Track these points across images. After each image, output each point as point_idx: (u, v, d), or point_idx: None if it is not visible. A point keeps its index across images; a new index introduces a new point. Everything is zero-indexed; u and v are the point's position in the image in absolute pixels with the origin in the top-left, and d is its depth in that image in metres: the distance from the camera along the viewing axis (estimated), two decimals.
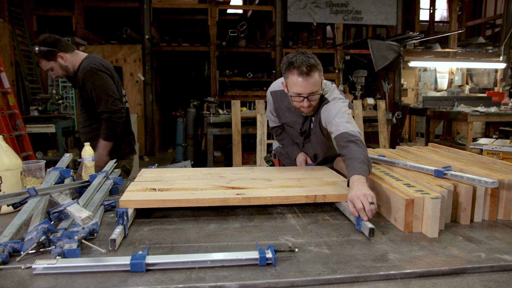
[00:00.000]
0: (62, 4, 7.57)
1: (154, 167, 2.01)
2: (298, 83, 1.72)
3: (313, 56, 1.74)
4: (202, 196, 1.43)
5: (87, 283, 0.93)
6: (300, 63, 1.69)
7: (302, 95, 1.75)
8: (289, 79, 1.75)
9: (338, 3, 7.57)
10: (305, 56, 1.71)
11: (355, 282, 0.96)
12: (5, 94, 4.43)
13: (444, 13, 13.71)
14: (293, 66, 1.71)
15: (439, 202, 1.22)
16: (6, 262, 1.02)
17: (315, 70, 1.71)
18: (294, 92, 1.77)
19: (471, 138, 5.87)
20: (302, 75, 1.70)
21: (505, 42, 9.09)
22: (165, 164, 6.67)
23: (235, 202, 1.43)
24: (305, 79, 1.70)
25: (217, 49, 7.54)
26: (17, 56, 6.52)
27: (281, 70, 1.81)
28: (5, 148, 1.54)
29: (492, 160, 1.81)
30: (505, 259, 1.08)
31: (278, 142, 2.34)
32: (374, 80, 8.43)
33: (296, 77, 1.72)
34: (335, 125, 1.74)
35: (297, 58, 1.71)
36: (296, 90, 1.75)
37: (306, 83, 1.72)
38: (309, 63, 1.69)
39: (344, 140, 1.65)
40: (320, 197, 1.47)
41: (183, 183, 1.64)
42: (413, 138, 10.42)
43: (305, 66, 1.68)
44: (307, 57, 1.71)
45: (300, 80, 1.71)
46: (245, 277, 0.96)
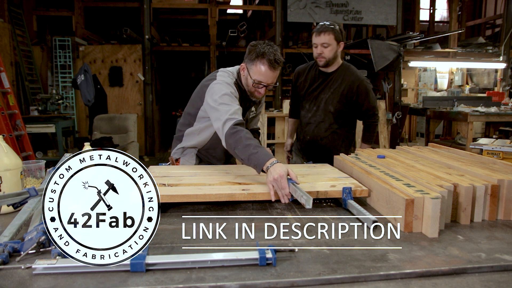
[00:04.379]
0: (62, 4, 7.57)
1: (165, 165, 2.03)
2: (263, 73, 1.86)
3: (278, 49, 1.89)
4: (209, 192, 1.48)
5: (87, 283, 0.93)
6: (271, 56, 1.83)
7: (263, 83, 1.90)
8: (255, 67, 1.87)
9: (338, 3, 7.58)
10: (274, 49, 1.85)
11: (355, 282, 0.96)
12: (5, 94, 4.43)
13: (444, 13, 13.71)
14: (263, 57, 1.84)
15: (439, 202, 1.22)
16: (6, 262, 1.02)
17: (280, 65, 1.88)
18: (257, 79, 1.89)
19: (471, 138, 5.87)
20: (270, 67, 1.85)
21: (505, 42, 9.09)
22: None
23: (241, 198, 1.47)
24: (272, 71, 1.86)
25: (217, 49, 7.54)
26: (17, 56, 6.53)
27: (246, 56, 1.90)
28: (5, 148, 1.54)
29: (492, 160, 1.81)
30: (505, 259, 1.08)
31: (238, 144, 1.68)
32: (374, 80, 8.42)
33: (264, 67, 1.85)
34: (257, 119, 2.25)
35: (267, 50, 1.83)
36: (260, 79, 1.89)
37: (271, 75, 1.88)
38: (278, 58, 1.84)
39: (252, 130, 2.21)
40: (322, 192, 1.50)
41: (191, 179, 1.68)
42: (413, 138, 10.42)
43: (275, 60, 1.83)
44: (276, 51, 1.85)
45: (268, 72, 1.86)
46: (245, 277, 0.96)
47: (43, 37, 7.46)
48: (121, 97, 7.45)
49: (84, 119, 7.25)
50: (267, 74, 1.86)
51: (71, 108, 7.03)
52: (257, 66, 1.86)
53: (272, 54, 1.83)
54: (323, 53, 2.40)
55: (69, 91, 7.01)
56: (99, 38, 7.90)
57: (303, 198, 1.31)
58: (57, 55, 7.03)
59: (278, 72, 1.90)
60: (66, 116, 6.30)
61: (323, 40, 2.38)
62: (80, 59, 7.15)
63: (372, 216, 1.26)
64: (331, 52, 2.40)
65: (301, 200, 1.34)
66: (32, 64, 6.92)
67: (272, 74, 1.87)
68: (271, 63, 1.83)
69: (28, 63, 6.84)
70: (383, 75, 7.31)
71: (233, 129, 1.69)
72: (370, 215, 1.28)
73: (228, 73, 2.03)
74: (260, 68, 1.86)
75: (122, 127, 6.10)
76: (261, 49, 1.84)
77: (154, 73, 7.78)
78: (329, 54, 2.40)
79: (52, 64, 7.12)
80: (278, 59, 1.85)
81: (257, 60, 1.85)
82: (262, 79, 1.88)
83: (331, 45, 2.39)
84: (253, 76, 1.89)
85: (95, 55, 7.25)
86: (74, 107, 7.08)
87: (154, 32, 7.65)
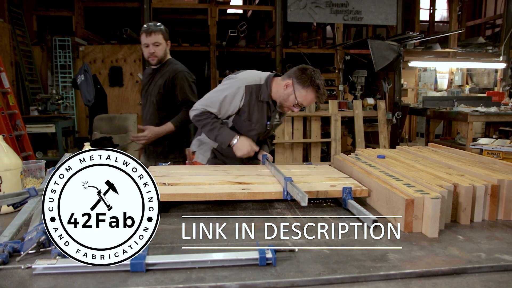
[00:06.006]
0: (62, 4, 7.57)
1: (166, 165, 2.03)
2: (310, 100, 2.06)
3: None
4: (210, 191, 1.48)
5: (87, 283, 0.93)
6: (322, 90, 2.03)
7: (303, 106, 2.10)
8: (305, 92, 2.02)
9: (338, 3, 7.57)
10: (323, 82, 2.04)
11: (355, 282, 0.96)
12: (5, 94, 4.43)
13: (444, 13, 13.70)
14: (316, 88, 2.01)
15: (439, 202, 1.22)
16: (6, 262, 1.02)
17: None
18: (301, 103, 2.06)
19: (471, 138, 5.87)
20: (317, 97, 2.04)
21: (505, 42, 9.08)
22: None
23: (241, 197, 1.48)
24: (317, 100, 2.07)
25: (217, 49, 7.53)
26: (17, 56, 6.52)
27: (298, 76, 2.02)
28: (5, 148, 1.54)
29: (492, 160, 1.81)
30: (505, 259, 1.08)
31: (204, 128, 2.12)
32: (374, 80, 8.42)
33: (312, 96, 2.03)
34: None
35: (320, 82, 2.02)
36: (303, 103, 2.06)
37: (312, 101, 2.08)
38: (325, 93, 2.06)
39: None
40: (322, 192, 1.50)
41: (191, 179, 1.69)
42: (413, 138, 10.42)
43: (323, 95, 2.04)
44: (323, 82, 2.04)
45: (314, 100, 2.06)
46: (245, 277, 0.96)
47: (43, 37, 7.46)
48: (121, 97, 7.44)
49: (84, 119, 7.25)
50: (312, 101, 2.07)
51: (71, 108, 7.02)
52: (308, 93, 2.02)
53: (322, 87, 2.03)
54: (156, 52, 2.58)
55: (69, 91, 7.01)
56: (99, 38, 7.90)
57: (298, 195, 1.32)
58: (57, 55, 7.02)
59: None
60: (66, 116, 6.29)
61: (154, 39, 2.56)
62: (80, 59, 7.15)
63: (372, 216, 1.26)
64: (162, 50, 2.61)
65: (297, 198, 1.34)
66: (32, 64, 6.92)
67: (314, 101, 2.08)
68: (320, 95, 2.03)
69: (28, 63, 6.83)
70: (383, 75, 7.31)
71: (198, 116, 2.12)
72: (371, 215, 1.28)
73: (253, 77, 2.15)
74: (309, 96, 2.03)
75: (122, 127, 6.10)
76: (316, 79, 2.00)
77: None
78: (160, 52, 2.60)
79: (52, 64, 7.12)
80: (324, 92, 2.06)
81: (310, 88, 2.01)
82: (305, 104, 2.07)
83: (162, 44, 2.60)
84: (299, 99, 2.05)
85: (95, 55, 7.24)
86: (74, 107, 7.08)
87: None
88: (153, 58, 2.60)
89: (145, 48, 2.59)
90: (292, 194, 1.41)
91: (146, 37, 2.56)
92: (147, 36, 2.55)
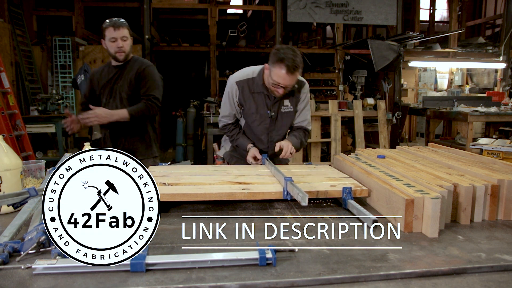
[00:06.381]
0: (62, 4, 7.56)
1: (166, 165, 2.04)
2: (282, 77, 2.03)
3: (299, 54, 2.03)
4: (210, 191, 1.48)
5: (87, 283, 0.93)
6: (292, 61, 1.98)
7: (281, 85, 2.07)
8: (276, 70, 2.03)
9: (338, 3, 7.57)
10: (296, 56, 2.00)
11: (355, 282, 0.96)
12: (5, 94, 4.43)
13: (444, 13, 13.70)
14: (283, 62, 1.98)
15: (439, 202, 1.22)
16: (6, 262, 1.02)
17: (298, 70, 2.03)
18: (276, 81, 2.07)
19: (471, 138, 5.87)
20: (288, 73, 2.01)
21: (505, 42, 9.08)
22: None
23: (241, 197, 1.48)
24: (290, 76, 2.03)
25: (217, 49, 7.53)
26: (17, 56, 6.52)
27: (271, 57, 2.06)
28: (5, 148, 1.54)
29: (492, 160, 1.81)
30: (505, 259, 1.08)
31: (229, 139, 2.43)
32: (374, 80, 8.42)
33: (282, 72, 2.01)
34: (304, 116, 2.35)
35: (287, 55, 1.98)
36: (278, 81, 2.06)
37: (289, 79, 2.04)
38: (296, 64, 2.00)
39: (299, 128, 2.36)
40: (322, 192, 1.50)
41: (191, 179, 1.69)
42: (413, 138, 10.42)
43: (292, 66, 1.99)
44: (295, 56, 2.00)
45: (286, 76, 2.02)
46: (245, 277, 0.96)
47: (43, 37, 7.45)
48: None
49: None
50: (284, 77, 2.03)
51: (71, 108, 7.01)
52: (277, 69, 2.02)
53: (291, 60, 1.97)
54: (124, 46, 2.52)
55: (69, 91, 7.00)
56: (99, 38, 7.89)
57: (299, 195, 1.32)
58: (57, 55, 7.02)
59: (295, 77, 2.06)
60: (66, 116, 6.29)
61: (122, 33, 2.49)
62: (80, 59, 7.14)
63: (372, 216, 1.26)
64: (129, 45, 2.56)
65: (297, 198, 1.35)
66: (32, 64, 6.92)
67: (289, 78, 2.03)
68: (289, 68, 1.99)
69: (28, 63, 6.83)
70: (383, 75, 7.31)
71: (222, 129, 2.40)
72: (371, 215, 1.28)
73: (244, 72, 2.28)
74: (279, 72, 2.02)
75: None
76: (282, 54, 1.99)
77: None
78: (128, 47, 2.55)
79: (52, 64, 7.11)
80: (296, 65, 1.99)
81: (278, 64, 2.01)
82: (280, 81, 2.05)
83: (129, 39, 2.55)
84: (273, 77, 2.07)
85: (95, 55, 7.24)
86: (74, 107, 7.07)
87: (154, 32, 7.65)
88: (121, 54, 2.53)
89: (112, 43, 2.50)
90: (292, 194, 1.41)
91: (114, 31, 2.47)
92: (115, 30, 2.47)
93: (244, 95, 2.25)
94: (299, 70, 2.04)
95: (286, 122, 2.31)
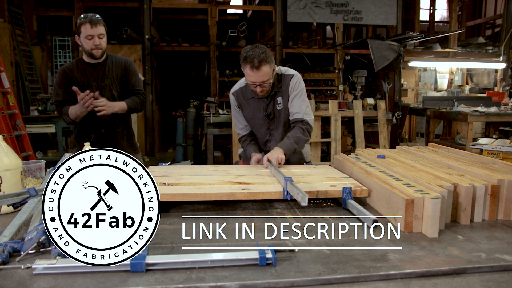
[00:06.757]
0: (62, 4, 7.56)
1: (166, 165, 2.03)
2: (250, 74, 2.04)
3: (265, 50, 2.02)
4: (210, 191, 1.48)
5: (87, 283, 0.93)
6: (252, 58, 1.98)
7: (255, 83, 2.08)
8: (244, 70, 2.06)
9: (338, 3, 7.57)
10: (257, 51, 1.99)
11: (355, 282, 0.96)
12: (5, 94, 4.43)
13: (444, 13, 13.71)
14: (246, 60, 2.00)
15: (439, 202, 1.22)
16: (6, 262, 1.02)
17: (265, 64, 2.00)
18: (248, 81, 2.10)
19: (471, 138, 5.87)
20: (253, 69, 2.00)
21: (505, 42, 9.09)
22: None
23: (241, 197, 1.48)
24: (256, 72, 2.01)
25: (217, 49, 7.54)
26: (17, 56, 6.52)
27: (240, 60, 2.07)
28: (5, 148, 1.54)
29: (492, 160, 1.81)
30: (505, 259, 1.08)
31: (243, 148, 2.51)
32: (374, 80, 8.42)
33: (248, 70, 2.02)
34: (296, 107, 2.24)
35: (250, 53, 1.99)
36: (251, 80, 2.08)
37: (256, 75, 2.03)
38: (259, 58, 1.98)
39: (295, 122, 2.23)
40: (322, 192, 1.50)
41: (191, 179, 1.69)
42: (413, 138, 10.42)
43: (257, 61, 1.97)
44: (259, 52, 1.99)
45: (252, 73, 2.02)
46: (245, 277, 0.96)
47: (43, 37, 7.46)
48: None
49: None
50: (252, 74, 2.03)
51: None
52: (245, 70, 2.06)
53: (251, 56, 1.98)
54: (101, 44, 2.47)
55: None
56: None
57: (299, 195, 1.32)
58: (57, 55, 7.02)
59: (264, 71, 2.02)
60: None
61: (99, 31, 2.44)
62: None
63: (372, 216, 1.26)
64: (105, 42, 2.53)
65: (297, 198, 1.35)
66: (32, 64, 6.92)
67: (257, 73, 2.02)
68: (253, 65, 1.99)
69: (28, 63, 6.83)
70: (383, 75, 7.31)
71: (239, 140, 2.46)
72: (371, 215, 1.28)
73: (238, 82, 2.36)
74: (246, 71, 2.05)
75: None
76: (244, 53, 2.02)
77: (154, 73, 7.78)
78: (104, 44, 2.51)
79: (52, 64, 7.12)
80: (259, 61, 1.98)
81: (243, 64, 2.04)
82: (252, 79, 2.07)
83: (105, 36, 2.51)
84: (246, 79, 2.11)
85: None
86: None
87: (154, 32, 7.65)
88: (98, 51, 2.46)
89: (88, 40, 2.42)
90: (292, 194, 1.41)
91: (92, 28, 2.40)
92: (92, 27, 2.40)
93: (241, 103, 2.33)
94: (266, 63, 1.99)
95: (284, 118, 2.32)
